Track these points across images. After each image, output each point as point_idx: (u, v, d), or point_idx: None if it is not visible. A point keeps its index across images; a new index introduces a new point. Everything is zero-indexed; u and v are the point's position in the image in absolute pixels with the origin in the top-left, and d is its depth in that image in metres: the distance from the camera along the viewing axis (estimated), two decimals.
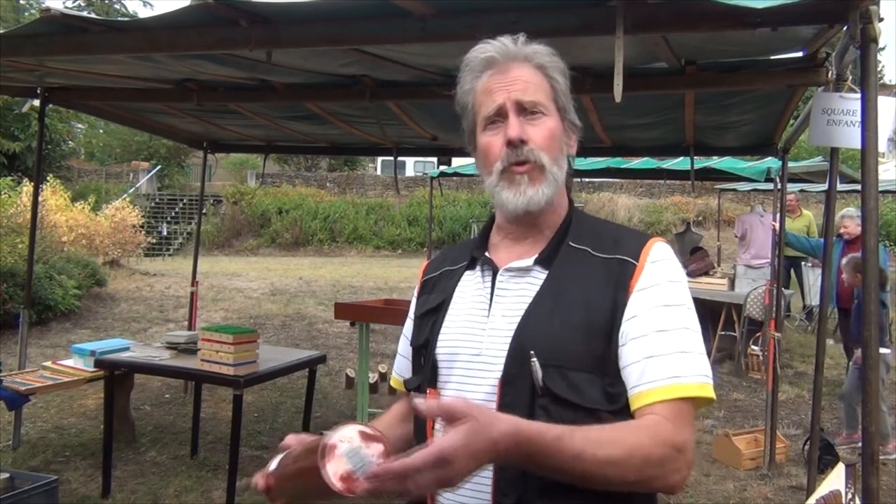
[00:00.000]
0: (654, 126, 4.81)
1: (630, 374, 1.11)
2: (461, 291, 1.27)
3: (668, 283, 1.15)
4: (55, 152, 19.93)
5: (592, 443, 0.99)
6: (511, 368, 1.13)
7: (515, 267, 1.21)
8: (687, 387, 1.08)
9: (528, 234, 1.25)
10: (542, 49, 1.23)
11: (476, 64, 1.23)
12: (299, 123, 5.16)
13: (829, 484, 2.29)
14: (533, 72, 1.21)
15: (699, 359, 1.11)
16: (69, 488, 4.02)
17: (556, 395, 1.10)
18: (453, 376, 1.20)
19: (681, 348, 1.11)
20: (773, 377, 4.73)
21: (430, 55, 3.23)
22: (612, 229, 1.27)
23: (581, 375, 1.11)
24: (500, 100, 1.19)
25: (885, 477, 4.37)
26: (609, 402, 1.11)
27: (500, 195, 1.21)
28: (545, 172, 1.19)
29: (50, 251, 9.71)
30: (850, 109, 2.67)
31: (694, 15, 2.38)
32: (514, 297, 1.19)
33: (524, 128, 1.18)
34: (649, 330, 1.11)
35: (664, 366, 1.09)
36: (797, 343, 8.75)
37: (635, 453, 1.01)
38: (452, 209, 21.41)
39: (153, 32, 2.88)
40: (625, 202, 21.52)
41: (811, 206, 13.45)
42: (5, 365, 5.11)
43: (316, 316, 9.99)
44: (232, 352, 3.68)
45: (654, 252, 1.18)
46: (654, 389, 1.08)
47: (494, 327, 1.18)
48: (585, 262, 1.19)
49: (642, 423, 1.07)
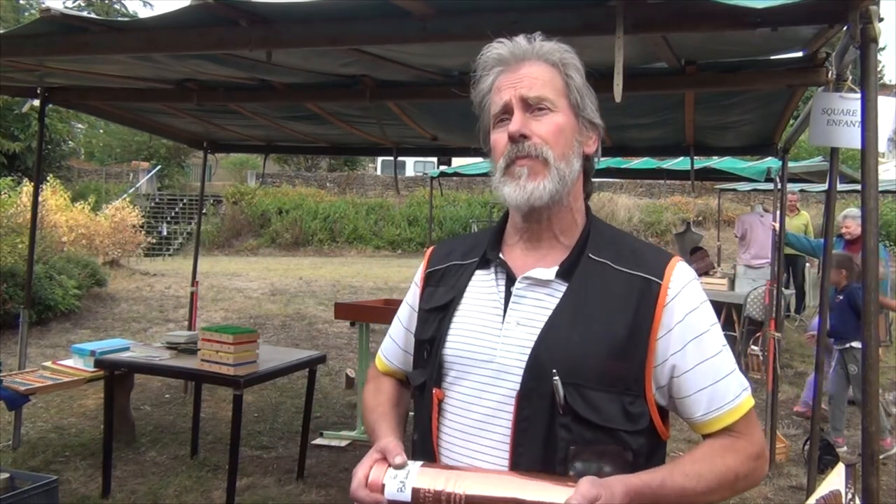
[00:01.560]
0: (654, 126, 4.81)
1: (697, 402, 1.17)
2: (473, 292, 1.25)
3: (703, 306, 1.19)
4: (55, 152, 19.92)
5: (692, 478, 1.10)
6: (529, 382, 1.12)
7: (534, 277, 1.19)
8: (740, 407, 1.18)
9: (541, 237, 1.23)
10: (557, 46, 1.23)
11: (488, 63, 1.23)
12: (299, 123, 5.16)
13: (829, 484, 2.29)
14: (545, 68, 1.20)
15: (738, 374, 1.20)
16: (69, 488, 4.02)
17: (577, 413, 1.10)
18: (463, 380, 1.19)
19: (728, 369, 1.19)
20: (773, 377, 4.73)
21: (430, 55, 3.23)
22: (631, 242, 1.26)
23: (600, 394, 1.11)
24: (506, 96, 1.19)
25: (885, 477, 4.37)
26: (629, 421, 1.12)
27: (502, 190, 1.21)
28: (549, 167, 1.17)
29: (50, 251, 9.71)
30: (850, 109, 2.66)
31: (694, 15, 2.38)
32: (532, 307, 1.18)
33: (527, 123, 1.18)
34: (701, 359, 1.17)
35: (725, 390, 1.17)
36: (797, 343, 8.74)
37: (728, 476, 1.13)
38: (452, 209, 21.41)
39: (153, 32, 2.88)
40: (625, 202, 21.51)
41: (811, 207, 13.45)
42: (5, 365, 5.11)
43: (316, 316, 9.99)
44: (232, 352, 3.67)
45: (680, 273, 1.19)
46: (724, 414, 1.17)
47: (509, 335, 1.17)
48: (606, 276, 1.18)
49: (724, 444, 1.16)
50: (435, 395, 1.21)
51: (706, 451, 1.16)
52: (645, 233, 19.69)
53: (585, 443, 1.10)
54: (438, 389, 1.21)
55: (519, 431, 1.12)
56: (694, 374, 1.16)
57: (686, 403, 1.17)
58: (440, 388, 1.21)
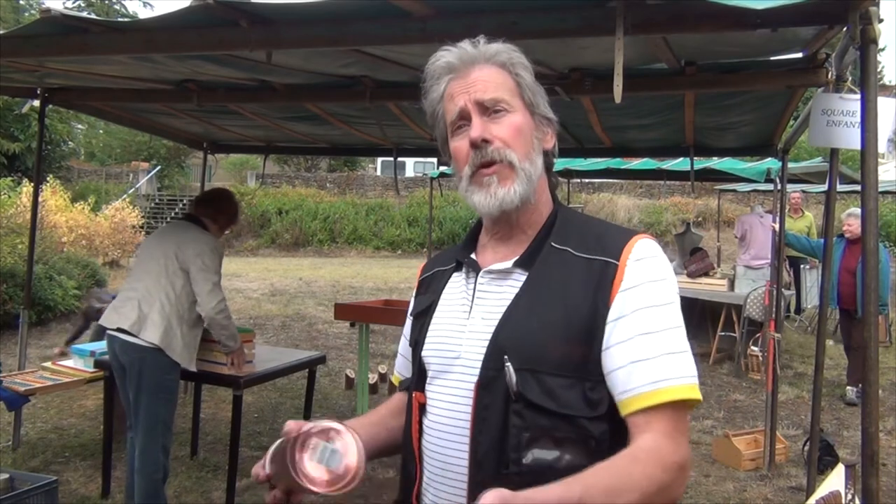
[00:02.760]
0: (654, 127, 4.81)
1: (616, 379, 1.08)
2: (447, 294, 1.27)
3: (650, 283, 1.12)
4: (55, 153, 19.93)
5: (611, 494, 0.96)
6: (488, 372, 1.12)
7: (496, 269, 1.20)
8: (673, 389, 1.06)
9: (512, 234, 1.23)
10: (503, 47, 1.22)
11: (437, 71, 1.23)
12: (299, 124, 5.16)
13: (828, 484, 2.30)
14: (495, 70, 1.20)
15: (684, 359, 1.09)
16: (69, 489, 4.02)
17: (529, 400, 1.08)
18: (436, 380, 1.20)
19: (666, 350, 1.08)
20: (772, 378, 4.73)
21: (430, 55, 3.23)
22: (598, 228, 1.23)
23: (558, 380, 1.09)
24: (461, 102, 1.18)
25: (885, 477, 4.37)
26: (589, 407, 1.09)
27: (471, 199, 1.20)
28: (515, 170, 1.17)
29: (50, 252, 9.72)
30: (850, 110, 2.67)
31: (694, 16, 2.38)
32: (494, 300, 1.18)
33: (487, 127, 1.17)
34: (634, 333, 1.09)
35: (650, 370, 1.07)
36: (797, 344, 8.75)
37: (649, 488, 0.99)
38: (452, 210, 21.41)
39: (153, 33, 2.88)
40: (625, 203, 21.53)
41: (811, 207, 13.45)
42: (5, 365, 5.12)
43: (316, 316, 10.00)
44: (222, 350, 3.69)
45: (636, 250, 1.15)
46: (641, 395, 1.06)
47: (473, 330, 1.17)
48: (566, 263, 1.16)
49: (642, 448, 1.04)
50: (415, 399, 1.22)
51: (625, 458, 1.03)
52: (643, 232, 19.67)
53: (541, 430, 1.07)
54: (419, 393, 1.22)
55: (478, 420, 1.11)
56: (622, 347, 1.08)
57: (610, 380, 1.09)
58: (421, 392, 1.22)
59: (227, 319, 3.60)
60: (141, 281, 3.55)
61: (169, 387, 3.49)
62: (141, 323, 3.41)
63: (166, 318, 3.44)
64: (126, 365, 3.45)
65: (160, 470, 3.48)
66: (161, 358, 3.41)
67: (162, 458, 3.48)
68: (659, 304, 1.11)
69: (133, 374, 3.42)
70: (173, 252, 3.53)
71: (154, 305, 3.45)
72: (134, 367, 3.42)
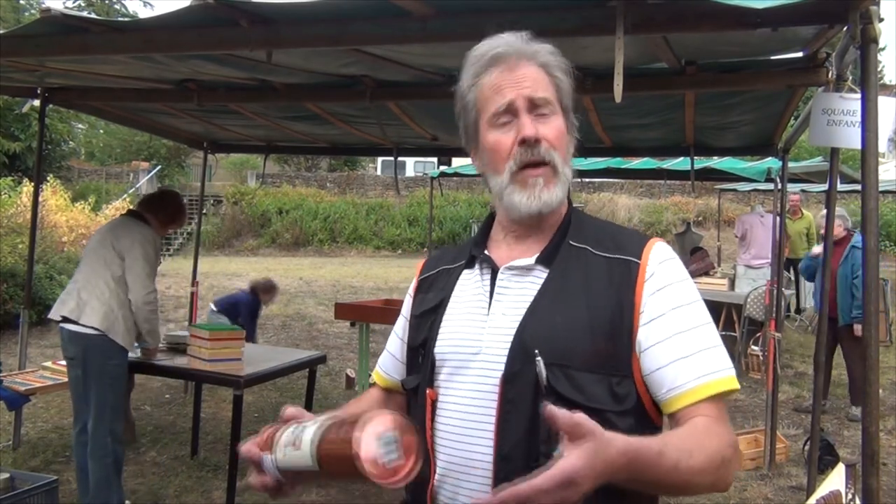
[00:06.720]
0: (655, 126, 4.81)
1: (662, 378, 1.11)
2: (460, 290, 1.26)
3: (679, 283, 1.16)
4: (55, 152, 19.93)
5: (685, 453, 1.00)
6: (513, 366, 1.12)
7: (516, 266, 1.20)
8: (720, 382, 1.10)
9: (530, 233, 1.23)
10: (546, 47, 1.21)
11: (482, 60, 1.20)
12: (299, 123, 5.16)
13: (829, 484, 2.30)
14: (540, 70, 1.19)
15: (721, 352, 1.13)
16: (69, 488, 4.01)
17: (560, 394, 1.08)
18: (453, 376, 1.19)
19: (705, 345, 1.12)
20: (773, 377, 4.72)
21: (430, 55, 3.23)
22: (611, 229, 1.26)
23: (586, 375, 1.10)
24: (510, 95, 1.16)
25: (885, 477, 4.37)
26: (616, 402, 1.10)
27: (510, 197, 1.18)
28: (558, 174, 1.18)
29: (50, 251, 9.72)
30: (851, 110, 2.67)
31: (694, 15, 2.38)
32: (515, 296, 1.18)
33: (537, 126, 1.16)
34: (672, 332, 1.12)
35: (694, 366, 1.10)
36: (797, 343, 8.75)
37: (715, 458, 1.03)
38: (452, 209, 21.42)
39: (153, 33, 2.88)
40: (625, 202, 21.53)
41: (811, 207, 13.44)
42: (5, 365, 5.12)
43: (316, 316, 10.00)
44: (208, 347, 3.73)
45: (657, 252, 1.18)
46: (689, 391, 1.09)
47: (495, 325, 1.17)
48: (587, 260, 1.18)
49: (701, 426, 1.07)
50: (428, 396, 1.21)
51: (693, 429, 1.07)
52: (645, 233, 19.68)
53: None
54: (431, 389, 1.21)
55: (504, 413, 1.11)
56: (664, 346, 1.11)
57: (654, 378, 1.12)
58: (433, 388, 1.21)
59: (153, 314, 3.70)
60: (81, 272, 3.70)
61: (113, 372, 3.59)
62: (81, 308, 3.53)
63: (106, 303, 3.54)
64: (73, 354, 3.57)
65: (110, 454, 3.57)
66: (105, 343, 3.51)
67: (111, 442, 3.57)
68: (689, 303, 1.15)
69: (79, 362, 3.54)
70: (110, 242, 3.66)
71: (93, 292, 3.56)
72: (79, 355, 3.53)
